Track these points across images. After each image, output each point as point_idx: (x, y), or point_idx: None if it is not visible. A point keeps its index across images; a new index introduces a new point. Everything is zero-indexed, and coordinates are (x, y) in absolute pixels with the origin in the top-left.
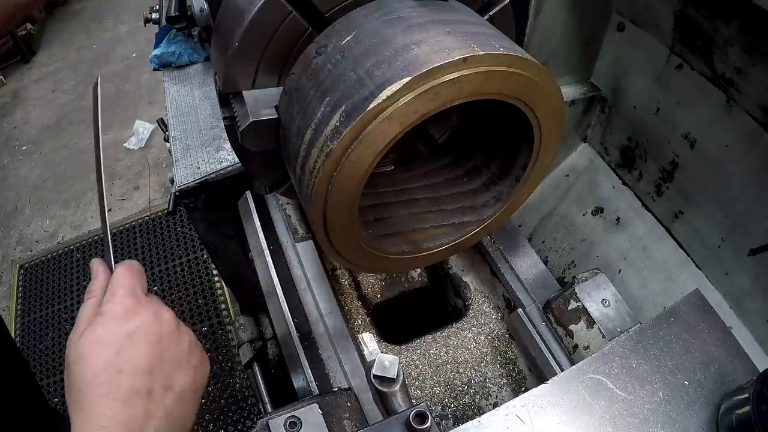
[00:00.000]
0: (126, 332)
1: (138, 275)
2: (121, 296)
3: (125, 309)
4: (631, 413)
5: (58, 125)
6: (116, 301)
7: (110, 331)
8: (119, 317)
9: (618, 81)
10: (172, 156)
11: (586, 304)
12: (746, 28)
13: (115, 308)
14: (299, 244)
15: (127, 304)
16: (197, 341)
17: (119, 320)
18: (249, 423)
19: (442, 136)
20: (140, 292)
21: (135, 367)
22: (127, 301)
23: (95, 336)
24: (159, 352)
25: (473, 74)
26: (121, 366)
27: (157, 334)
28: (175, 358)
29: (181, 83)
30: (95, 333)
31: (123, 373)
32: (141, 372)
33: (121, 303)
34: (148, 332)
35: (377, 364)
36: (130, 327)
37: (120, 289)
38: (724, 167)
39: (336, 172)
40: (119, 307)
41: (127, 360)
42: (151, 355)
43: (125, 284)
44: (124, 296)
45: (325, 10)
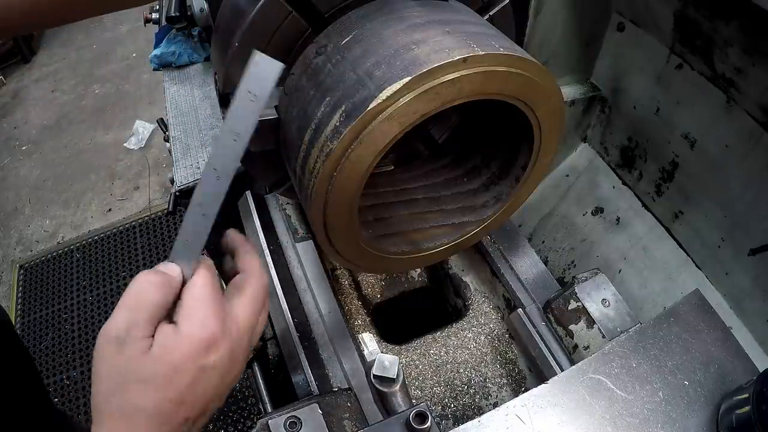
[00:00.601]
0: (203, 365)
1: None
2: (205, 317)
3: (208, 338)
4: (631, 413)
5: (58, 125)
6: (198, 323)
7: (187, 362)
8: (200, 347)
9: (618, 81)
10: (172, 156)
11: (586, 304)
12: (746, 28)
13: (197, 333)
14: (299, 244)
15: (211, 330)
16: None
17: (199, 351)
18: (249, 423)
19: (442, 136)
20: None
21: (196, 401)
22: (211, 325)
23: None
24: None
25: (473, 74)
26: (186, 399)
27: (227, 371)
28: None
29: (181, 83)
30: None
31: (185, 405)
32: (198, 405)
33: (204, 327)
34: (221, 369)
35: (377, 364)
36: (208, 361)
37: (204, 306)
38: (724, 167)
39: (336, 172)
40: (202, 333)
41: (193, 394)
42: (214, 392)
43: (209, 296)
44: (208, 317)
45: (325, 10)
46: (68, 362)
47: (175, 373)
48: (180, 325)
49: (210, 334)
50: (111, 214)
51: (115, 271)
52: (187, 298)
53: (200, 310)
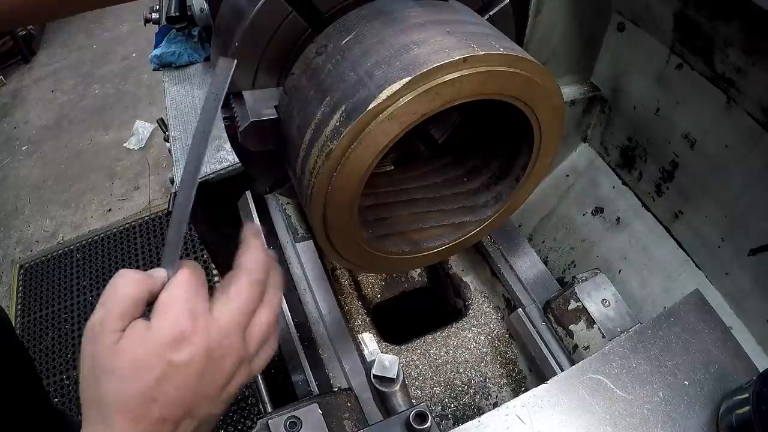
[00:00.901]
0: (171, 361)
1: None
2: (176, 313)
3: (177, 333)
4: (631, 413)
5: (58, 125)
6: (169, 319)
7: (156, 355)
8: (168, 341)
9: (618, 81)
10: (172, 156)
11: (586, 304)
12: (746, 28)
13: (167, 328)
14: (299, 244)
15: (181, 327)
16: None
17: (167, 345)
18: (249, 423)
19: (442, 136)
20: (200, 308)
21: (170, 399)
22: (182, 322)
23: (138, 354)
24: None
25: (473, 74)
26: (157, 396)
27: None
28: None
29: (181, 83)
30: (139, 351)
31: (157, 402)
32: (174, 404)
33: (175, 324)
34: (195, 367)
35: (377, 364)
36: (178, 357)
37: (177, 303)
38: (724, 167)
39: (336, 172)
40: (171, 329)
41: (165, 391)
42: (190, 390)
43: (183, 298)
44: (180, 314)
45: (325, 10)
46: (68, 362)
47: (139, 367)
48: (152, 321)
49: (179, 329)
50: (111, 214)
51: (115, 271)
52: (162, 296)
53: (173, 306)
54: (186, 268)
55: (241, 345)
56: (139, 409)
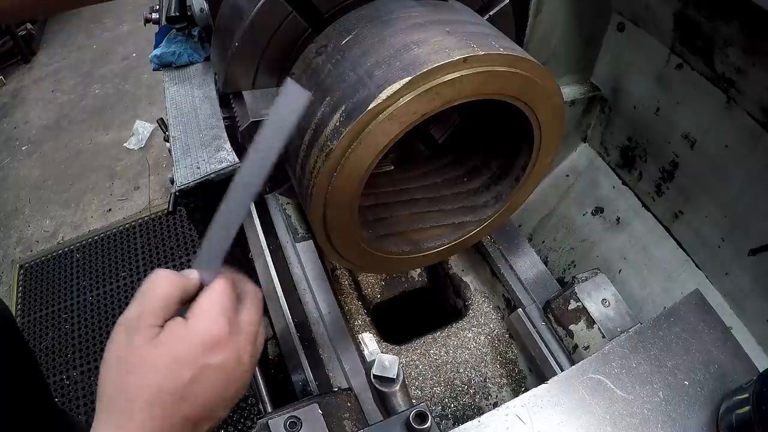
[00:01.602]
0: (207, 364)
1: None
2: (215, 316)
3: (217, 336)
4: (631, 413)
5: (58, 125)
6: (208, 320)
7: (191, 356)
8: (206, 343)
9: (618, 81)
10: (172, 156)
11: (586, 304)
12: (746, 28)
13: (206, 329)
14: (299, 244)
15: (219, 330)
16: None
17: (206, 347)
18: (249, 423)
19: (442, 136)
20: (234, 318)
21: (199, 400)
22: (220, 325)
23: (176, 352)
24: (224, 392)
25: (473, 74)
26: (187, 395)
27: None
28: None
29: (181, 83)
30: (176, 348)
31: (185, 401)
32: (200, 405)
33: (214, 326)
34: (226, 372)
35: (377, 364)
36: (213, 360)
37: (216, 307)
38: (724, 167)
39: (336, 172)
40: (211, 332)
41: (194, 392)
42: (216, 394)
43: (222, 304)
44: (219, 318)
45: (325, 10)
46: (68, 362)
47: (177, 365)
48: (190, 321)
49: (218, 333)
50: (111, 214)
51: (115, 271)
52: (202, 299)
53: (212, 310)
54: (225, 279)
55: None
56: (169, 405)
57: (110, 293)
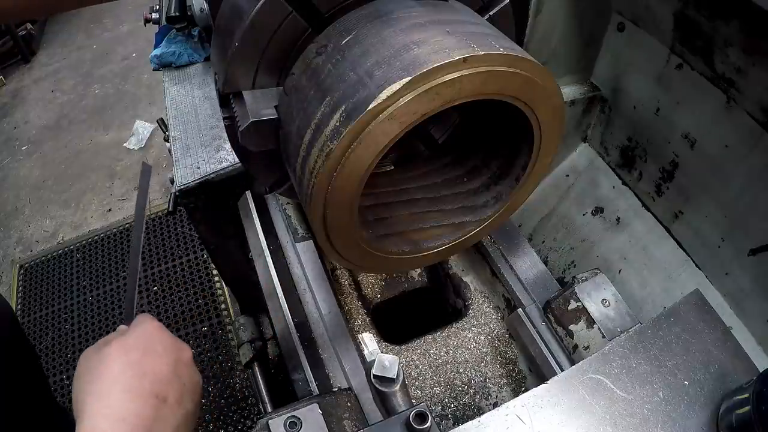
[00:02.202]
0: (151, 343)
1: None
2: (149, 322)
3: (152, 327)
4: (631, 413)
5: (58, 125)
6: (143, 323)
7: (137, 341)
8: (146, 333)
9: (618, 81)
10: (172, 156)
11: (586, 304)
12: (746, 28)
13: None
14: (299, 244)
15: (153, 326)
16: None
17: (146, 334)
18: (249, 423)
19: (442, 136)
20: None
21: (157, 374)
22: (155, 326)
23: (123, 343)
24: (177, 371)
25: (473, 74)
26: (146, 370)
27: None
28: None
29: (181, 83)
30: (122, 341)
31: (146, 376)
32: (161, 380)
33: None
34: (170, 351)
35: (377, 364)
36: (155, 341)
37: (144, 319)
38: (724, 167)
39: (336, 172)
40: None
41: (151, 366)
42: (170, 370)
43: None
44: (152, 323)
45: (325, 10)
46: (68, 362)
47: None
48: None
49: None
50: (111, 214)
51: (115, 271)
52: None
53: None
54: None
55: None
56: (132, 379)
57: (110, 293)
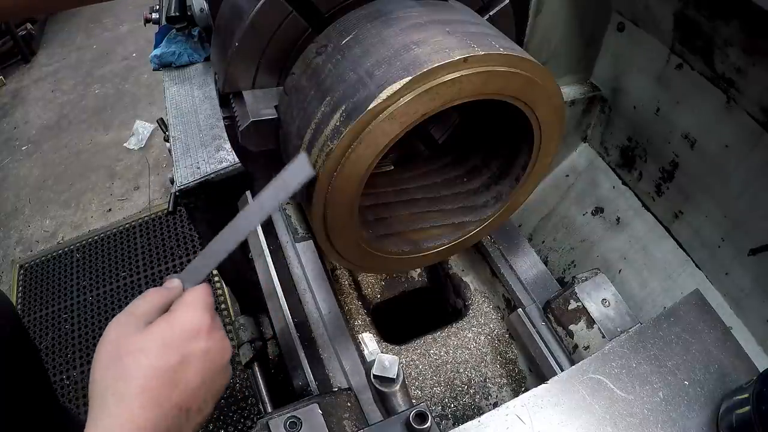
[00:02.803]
0: (194, 348)
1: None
2: (199, 309)
3: (200, 324)
4: (631, 413)
5: (58, 125)
6: (193, 312)
7: (180, 340)
8: (193, 330)
9: (618, 81)
10: (172, 156)
11: (586, 304)
12: (746, 28)
13: (192, 319)
14: (299, 244)
15: (203, 320)
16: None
17: (192, 332)
18: (249, 423)
19: (442, 136)
20: (215, 314)
21: (188, 386)
22: (204, 316)
23: (164, 337)
24: (211, 380)
25: (473, 74)
26: (178, 380)
27: (217, 362)
28: (216, 390)
29: (181, 83)
30: (165, 334)
31: (178, 387)
32: (191, 392)
33: (198, 316)
34: (211, 357)
35: (377, 364)
36: (200, 345)
37: (199, 302)
38: (724, 167)
39: (336, 172)
40: (195, 320)
41: (185, 376)
42: (204, 380)
43: (205, 300)
44: (202, 310)
45: (326, 10)
46: (68, 362)
47: (165, 349)
48: (175, 313)
49: (200, 322)
50: (111, 214)
51: (115, 271)
52: (185, 296)
53: (195, 304)
54: (207, 286)
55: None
56: (160, 391)
57: (110, 293)
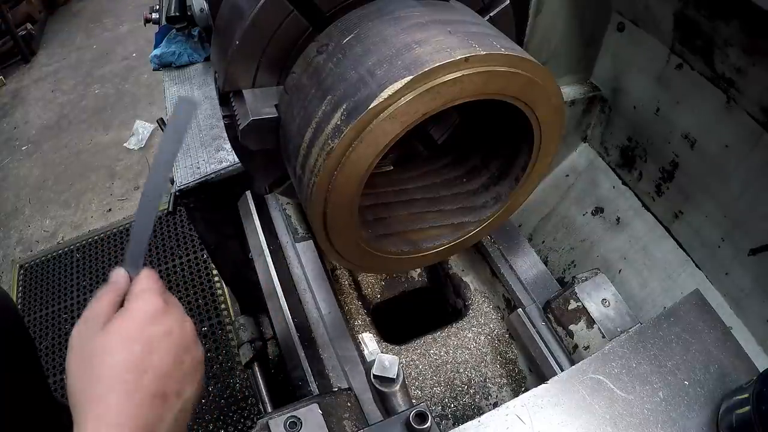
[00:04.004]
0: (154, 333)
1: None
2: (150, 296)
3: (155, 309)
4: (631, 413)
5: (58, 125)
6: (145, 300)
7: (139, 329)
8: (148, 316)
9: (618, 81)
10: None
11: (586, 304)
12: (746, 28)
13: (145, 306)
14: (299, 244)
15: (156, 305)
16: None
17: (148, 319)
18: (249, 423)
19: (442, 137)
20: (165, 294)
21: (158, 370)
22: (156, 301)
23: (123, 331)
24: (179, 359)
25: (474, 74)
26: (147, 367)
27: (180, 340)
28: (189, 368)
29: (181, 83)
30: (123, 328)
31: (147, 374)
32: (162, 375)
33: (151, 302)
34: (174, 337)
35: (377, 364)
36: (159, 328)
37: (148, 290)
38: (724, 167)
39: (336, 171)
40: (149, 306)
41: (153, 362)
42: (173, 361)
43: (152, 286)
44: (153, 296)
45: (327, 9)
46: None
47: (127, 342)
48: (128, 305)
49: (154, 305)
50: (111, 214)
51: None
52: (134, 287)
53: (145, 291)
54: (149, 270)
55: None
56: (132, 380)
57: None
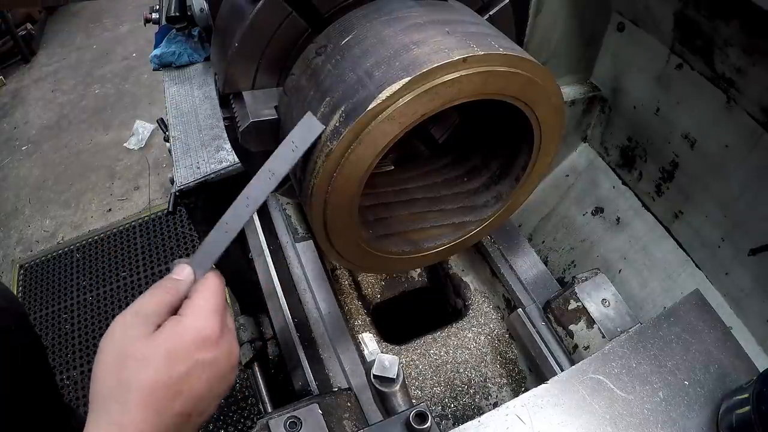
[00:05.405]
0: (201, 359)
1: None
2: (209, 315)
3: (210, 333)
4: (631, 413)
5: (58, 125)
6: (202, 318)
7: (187, 352)
8: (200, 339)
9: (618, 81)
10: (172, 156)
11: (586, 304)
12: (746, 28)
13: (201, 327)
14: (299, 244)
15: (213, 329)
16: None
17: (200, 342)
18: (249, 423)
19: (442, 136)
20: (225, 317)
21: (191, 394)
22: (214, 325)
23: (171, 347)
24: (215, 387)
25: (473, 74)
26: (182, 390)
27: (223, 372)
28: (220, 393)
29: (181, 83)
30: (171, 343)
31: (181, 395)
32: (193, 398)
33: (209, 325)
34: (218, 368)
35: (377, 364)
36: (207, 357)
37: (208, 304)
38: (724, 167)
39: (336, 172)
40: (206, 330)
41: (190, 386)
42: (209, 389)
43: (215, 304)
44: (212, 317)
45: (325, 10)
46: (68, 362)
47: (172, 359)
48: (184, 317)
49: (211, 330)
50: (111, 214)
51: (115, 271)
52: (196, 297)
53: (205, 307)
54: (217, 276)
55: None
56: (165, 400)
57: (110, 293)
